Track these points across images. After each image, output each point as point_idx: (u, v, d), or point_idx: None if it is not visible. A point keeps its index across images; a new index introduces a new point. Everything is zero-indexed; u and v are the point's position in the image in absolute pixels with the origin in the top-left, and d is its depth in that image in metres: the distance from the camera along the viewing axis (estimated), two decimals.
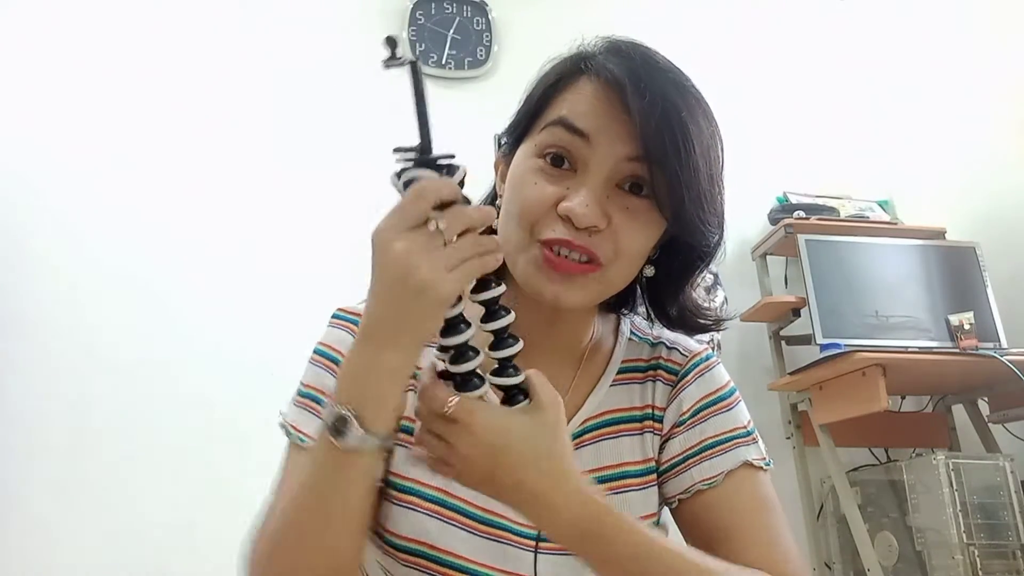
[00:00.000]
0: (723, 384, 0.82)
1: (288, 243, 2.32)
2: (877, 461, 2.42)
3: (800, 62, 2.87)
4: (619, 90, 0.68)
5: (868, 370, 1.96)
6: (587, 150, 0.69)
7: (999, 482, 2.06)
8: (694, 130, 0.68)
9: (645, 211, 0.70)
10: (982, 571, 1.93)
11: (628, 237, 0.69)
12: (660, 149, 0.66)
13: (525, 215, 0.69)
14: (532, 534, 0.73)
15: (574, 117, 0.70)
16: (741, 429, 0.79)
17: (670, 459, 0.78)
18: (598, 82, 0.70)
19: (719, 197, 0.73)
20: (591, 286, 0.71)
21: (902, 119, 2.87)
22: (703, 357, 0.83)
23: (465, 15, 2.67)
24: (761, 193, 2.61)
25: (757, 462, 0.78)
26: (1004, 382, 2.07)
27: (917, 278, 2.35)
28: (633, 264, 0.72)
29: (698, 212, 0.69)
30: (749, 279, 2.59)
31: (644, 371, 0.83)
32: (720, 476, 0.76)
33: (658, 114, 0.66)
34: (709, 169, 0.70)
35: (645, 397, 0.81)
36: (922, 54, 2.94)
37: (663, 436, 0.79)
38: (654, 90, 0.67)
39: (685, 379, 0.81)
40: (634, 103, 0.66)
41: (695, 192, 0.68)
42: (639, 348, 0.84)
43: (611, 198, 0.69)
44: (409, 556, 0.71)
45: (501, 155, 0.80)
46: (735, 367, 2.46)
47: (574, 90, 0.72)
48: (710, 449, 0.77)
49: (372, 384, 0.59)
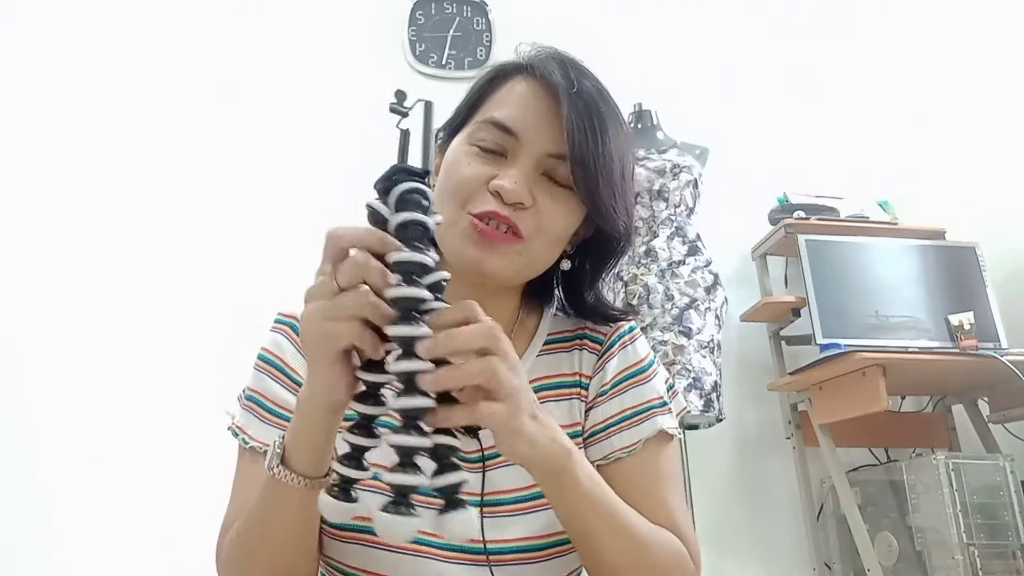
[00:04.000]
0: (643, 357, 0.87)
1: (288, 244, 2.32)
2: (877, 461, 2.42)
3: (800, 62, 2.87)
4: (552, 90, 0.77)
5: (868, 370, 1.96)
6: (516, 145, 0.77)
7: (999, 482, 2.06)
8: (612, 131, 0.77)
9: (566, 198, 0.78)
10: (982, 571, 1.93)
11: (550, 217, 0.77)
12: (583, 146, 0.74)
13: (459, 191, 0.76)
14: (475, 500, 0.73)
15: (504, 117, 0.78)
16: (658, 399, 0.84)
17: (592, 427, 0.83)
18: (533, 81, 0.79)
19: (630, 191, 0.82)
20: (513, 257, 0.76)
21: (902, 119, 2.87)
22: (627, 329, 0.89)
23: (465, 15, 2.67)
24: (761, 193, 2.61)
25: (672, 431, 0.83)
26: (1004, 382, 2.07)
27: (917, 278, 2.35)
28: (553, 245, 0.80)
29: (611, 200, 0.77)
30: (749, 279, 2.59)
31: (570, 340, 0.89)
32: (638, 444, 0.81)
33: (584, 115, 0.75)
34: (622, 166, 0.79)
35: (573, 365, 0.87)
36: (922, 54, 2.94)
37: (587, 403, 0.85)
38: (582, 93, 0.76)
39: (610, 351, 0.86)
40: (566, 103, 0.75)
41: (609, 183, 0.76)
42: (563, 322, 0.91)
43: (537, 183, 0.77)
44: (349, 532, 0.74)
45: (438, 148, 0.85)
46: (735, 367, 2.47)
47: (508, 88, 0.80)
48: (629, 419, 0.82)
49: (298, 423, 0.63)
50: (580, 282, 0.88)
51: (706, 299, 2.22)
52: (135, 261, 2.25)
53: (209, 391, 2.14)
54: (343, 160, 2.41)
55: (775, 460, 2.45)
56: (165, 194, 2.31)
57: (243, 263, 2.28)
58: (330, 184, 2.38)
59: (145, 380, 2.15)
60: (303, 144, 2.43)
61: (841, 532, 2.29)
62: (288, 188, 2.38)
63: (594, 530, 0.68)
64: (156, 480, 2.05)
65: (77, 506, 2.03)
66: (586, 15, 2.70)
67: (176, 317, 2.22)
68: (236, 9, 2.51)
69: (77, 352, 2.15)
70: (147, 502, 2.04)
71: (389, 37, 2.62)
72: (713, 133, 2.55)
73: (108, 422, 2.10)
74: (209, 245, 2.29)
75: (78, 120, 2.32)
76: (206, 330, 2.19)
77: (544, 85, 0.78)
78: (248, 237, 2.32)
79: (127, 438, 2.09)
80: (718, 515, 2.33)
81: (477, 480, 0.75)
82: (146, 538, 2.01)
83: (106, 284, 2.21)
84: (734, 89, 2.77)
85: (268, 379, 0.81)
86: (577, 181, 0.76)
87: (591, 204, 0.77)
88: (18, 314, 2.15)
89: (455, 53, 2.63)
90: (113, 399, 2.12)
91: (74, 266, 2.22)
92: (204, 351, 2.15)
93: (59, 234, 2.23)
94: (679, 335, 2.15)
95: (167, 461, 2.06)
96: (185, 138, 2.37)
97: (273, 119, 2.43)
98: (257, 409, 0.80)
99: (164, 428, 2.10)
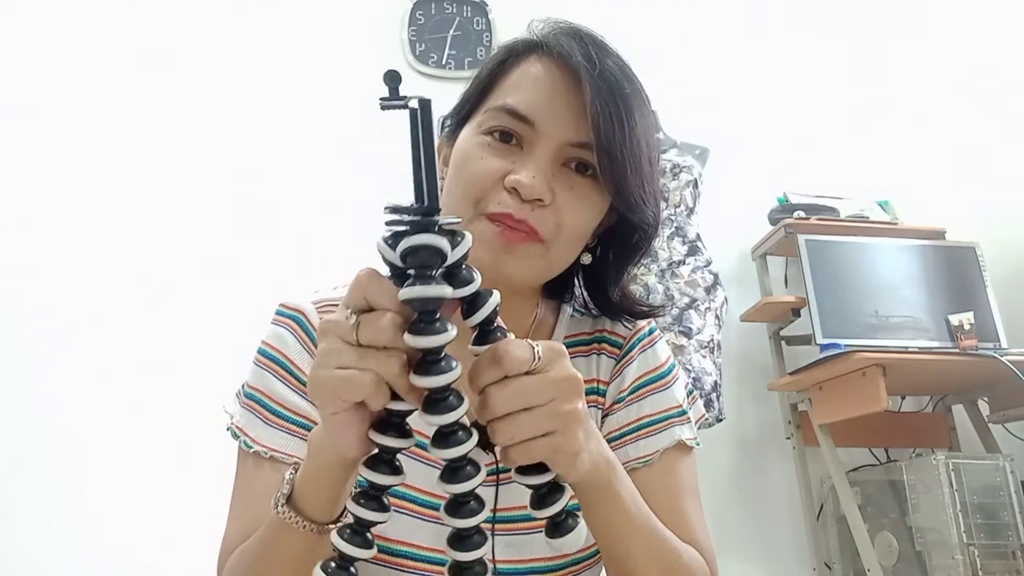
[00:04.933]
0: (663, 362, 0.82)
1: (287, 243, 2.33)
2: (877, 461, 2.42)
3: (800, 62, 2.87)
4: (572, 70, 0.69)
5: (868, 370, 1.96)
6: (533, 134, 0.70)
7: (999, 482, 2.06)
8: (638, 114, 0.70)
9: (588, 190, 0.71)
10: (982, 571, 1.93)
11: (571, 214, 0.70)
12: (609, 134, 0.67)
13: (471, 188, 0.69)
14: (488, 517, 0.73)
15: (518, 104, 0.70)
16: (676, 408, 0.80)
17: (608, 434, 0.78)
18: (550, 60, 0.71)
19: (657, 177, 0.75)
20: (533, 259, 0.70)
21: (902, 119, 2.87)
22: (647, 331, 0.83)
23: (465, 15, 2.67)
24: (761, 193, 2.61)
25: (690, 442, 0.79)
26: (1004, 382, 2.06)
27: (917, 278, 2.35)
28: (574, 243, 0.73)
29: (639, 189, 0.70)
30: (749, 279, 2.59)
31: (588, 344, 0.83)
32: (655, 455, 0.77)
33: (608, 99, 0.67)
34: (649, 151, 0.72)
35: (590, 371, 0.81)
36: (922, 54, 2.94)
37: (604, 410, 0.80)
38: (605, 74, 0.68)
39: (629, 355, 0.81)
40: (588, 86, 0.67)
41: (636, 170, 0.70)
42: (581, 323, 0.85)
43: (556, 175, 0.70)
44: None
45: (444, 138, 0.79)
46: (735, 367, 2.47)
47: (521, 70, 0.72)
48: (646, 428, 0.78)
49: (309, 468, 0.57)
50: (604, 277, 0.81)
51: (706, 299, 2.22)
52: (135, 259, 2.25)
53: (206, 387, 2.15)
54: (343, 160, 2.41)
55: (775, 460, 2.45)
56: (165, 194, 2.31)
57: (243, 263, 2.27)
58: (330, 184, 2.39)
59: (145, 380, 2.15)
60: (303, 144, 2.43)
61: (841, 532, 2.29)
62: (288, 187, 2.38)
63: (630, 548, 0.64)
64: (155, 480, 2.05)
65: (75, 506, 2.03)
66: (586, 15, 2.68)
67: (176, 317, 2.21)
68: (236, 9, 2.51)
69: (77, 351, 2.15)
70: (147, 502, 2.04)
71: (389, 37, 2.62)
72: (713, 133, 2.54)
73: (108, 422, 2.10)
74: (209, 245, 2.29)
75: (78, 121, 2.32)
76: (205, 329, 2.19)
77: (562, 66, 0.70)
78: (248, 237, 2.32)
79: (127, 438, 2.09)
80: (718, 515, 2.32)
81: (490, 495, 0.69)
82: (146, 538, 2.01)
83: (106, 284, 2.21)
84: (734, 89, 2.77)
85: (271, 377, 0.74)
86: (604, 172, 0.69)
87: (619, 195, 0.70)
88: (18, 314, 2.15)
89: (455, 53, 2.63)
90: (112, 399, 2.12)
91: (73, 266, 2.21)
92: (202, 347, 2.15)
93: (58, 234, 2.23)
94: (679, 335, 2.15)
95: (167, 461, 2.06)
96: (185, 137, 2.36)
97: (273, 119, 2.43)
98: (259, 410, 0.74)
99: (164, 427, 2.10)
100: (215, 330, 2.16)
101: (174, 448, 2.07)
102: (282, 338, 0.76)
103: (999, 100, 2.87)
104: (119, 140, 2.33)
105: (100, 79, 2.36)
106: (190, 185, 2.33)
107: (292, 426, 0.73)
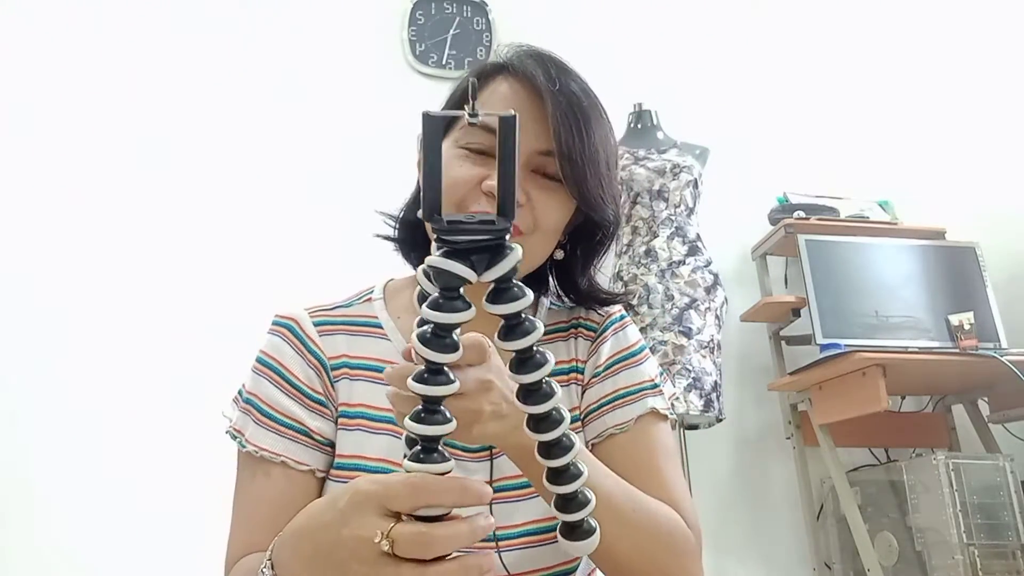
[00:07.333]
0: (634, 342, 0.90)
1: (287, 243, 2.33)
2: (877, 461, 2.42)
3: (800, 62, 2.88)
4: (535, 88, 0.78)
5: (868, 370, 1.96)
6: None
7: (999, 482, 2.06)
8: (594, 124, 0.79)
9: (557, 192, 0.80)
10: (982, 571, 1.93)
11: (545, 211, 0.79)
12: (569, 142, 0.77)
13: (451, 193, 0.77)
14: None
15: (490, 120, 0.74)
16: (649, 381, 0.87)
17: (587, 406, 0.86)
18: (515, 80, 0.80)
19: (615, 179, 0.85)
20: None
21: (902, 119, 2.87)
22: (618, 316, 0.92)
23: (465, 15, 2.67)
24: (761, 193, 2.61)
25: (663, 411, 0.85)
26: (1004, 382, 2.07)
27: (917, 278, 2.35)
28: (549, 237, 0.82)
29: (598, 190, 0.80)
30: (749, 279, 2.59)
31: (566, 330, 0.92)
32: (631, 421, 0.83)
33: (567, 112, 0.77)
34: (607, 157, 0.81)
35: (570, 352, 0.90)
36: (922, 54, 2.94)
37: (583, 385, 0.88)
38: (563, 90, 0.78)
39: (603, 335, 0.90)
40: (549, 101, 0.77)
41: (595, 174, 0.79)
42: (558, 314, 0.94)
43: (528, 179, 0.79)
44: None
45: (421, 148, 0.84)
46: (735, 367, 2.47)
47: (490, 90, 0.82)
48: (622, 398, 0.85)
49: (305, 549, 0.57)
50: (573, 270, 0.91)
51: (706, 299, 2.22)
52: (134, 259, 2.25)
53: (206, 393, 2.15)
54: (343, 160, 2.41)
55: (775, 460, 2.45)
56: (165, 194, 2.31)
57: (243, 263, 2.28)
58: (330, 184, 2.39)
59: (144, 380, 2.15)
60: (303, 144, 2.43)
61: (841, 532, 2.29)
62: (287, 188, 2.38)
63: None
64: (155, 480, 2.05)
65: (74, 507, 2.03)
66: (586, 15, 2.70)
67: (175, 317, 2.21)
68: (236, 9, 2.51)
69: (76, 352, 2.15)
70: (146, 503, 2.04)
71: (389, 37, 2.62)
72: (713, 133, 2.54)
73: (107, 422, 2.10)
74: (209, 245, 2.29)
75: (78, 120, 2.32)
76: (204, 330, 2.19)
77: (526, 84, 0.79)
78: (247, 237, 2.32)
79: (126, 438, 2.09)
80: (718, 515, 2.33)
81: (485, 469, 0.79)
82: (145, 539, 2.01)
83: (105, 282, 2.21)
84: (734, 89, 2.77)
85: (266, 383, 0.81)
86: (565, 176, 0.78)
87: (580, 196, 0.79)
88: (17, 313, 2.15)
89: (455, 53, 2.63)
90: (112, 398, 2.12)
91: (73, 266, 2.21)
92: (201, 353, 2.15)
93: (58, 234, 2.23)
94: (679, 335, 2.15)
95: (166, 461, 2.07)
96: (184, 138, 2.36)
97: (273, 119, 2.43)
98: (253, 412, 0.80)
99: (163, 428, 2.10)
100: (215, 334, 2.16)
101: (174, 450, 2.07)
102: (277, 346, 0.83)
103: (999, 100, 2.87)
104: (120, 141, 2.33)
105: (99, 79, 2.36)
106: (189, 185, 2.33)
107: (282, 428, 0.80)
